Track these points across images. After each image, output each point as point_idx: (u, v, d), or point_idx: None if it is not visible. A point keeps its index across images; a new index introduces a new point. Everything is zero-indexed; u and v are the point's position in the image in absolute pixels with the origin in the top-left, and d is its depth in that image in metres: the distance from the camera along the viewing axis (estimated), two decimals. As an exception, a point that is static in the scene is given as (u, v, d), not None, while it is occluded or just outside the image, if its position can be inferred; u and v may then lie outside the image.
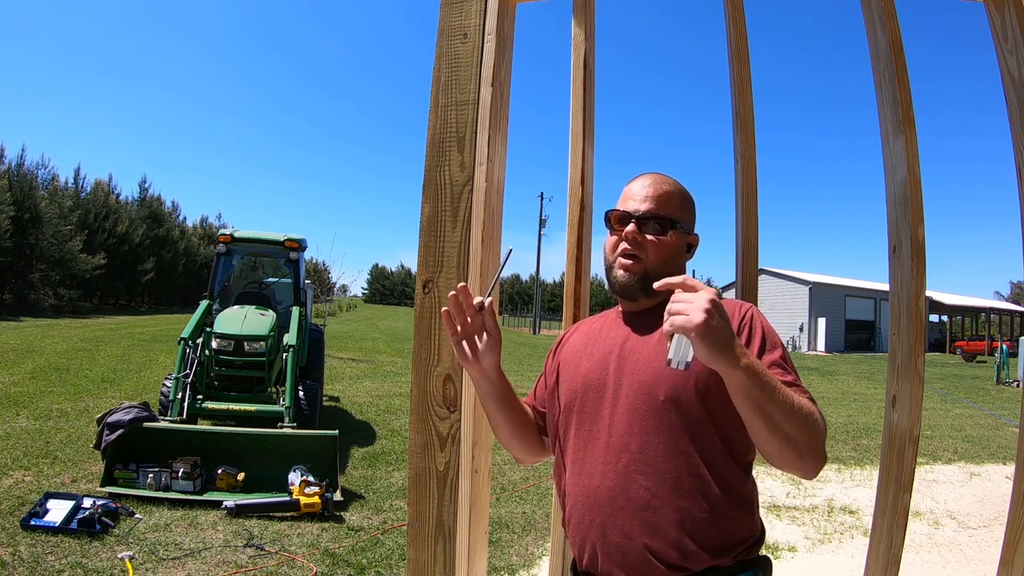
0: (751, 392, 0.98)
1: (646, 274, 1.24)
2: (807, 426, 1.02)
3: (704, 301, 0.94)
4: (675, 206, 1.28)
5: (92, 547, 3.56)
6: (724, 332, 0.95)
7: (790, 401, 1.00)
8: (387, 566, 3.65)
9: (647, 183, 1.30)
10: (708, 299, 0.95)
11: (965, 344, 32.95)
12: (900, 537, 1.57)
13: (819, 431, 1.04)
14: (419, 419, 1.57)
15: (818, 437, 1.04)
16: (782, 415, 0.99)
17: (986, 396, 14.92)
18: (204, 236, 41.86)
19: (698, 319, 0.93)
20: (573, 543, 1.22)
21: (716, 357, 0.95)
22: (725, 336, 0.95)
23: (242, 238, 7.37)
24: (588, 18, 1.81)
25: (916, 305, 1.58)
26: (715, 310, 0.94)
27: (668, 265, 1.26)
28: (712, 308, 0.94)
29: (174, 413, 5.48)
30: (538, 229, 45.23)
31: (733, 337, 0.96)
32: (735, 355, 0.96)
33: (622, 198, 1.32)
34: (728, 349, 0.95)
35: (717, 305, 0.95)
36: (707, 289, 0.97)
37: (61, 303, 27.41)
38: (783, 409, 0.99)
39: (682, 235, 1.29)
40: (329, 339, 11.70)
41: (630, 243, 1.26)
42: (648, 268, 1.25)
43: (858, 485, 6.05)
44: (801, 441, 1.01)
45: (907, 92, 1.63)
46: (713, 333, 0.93)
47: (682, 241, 1.29)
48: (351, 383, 11.34)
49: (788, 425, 1.00)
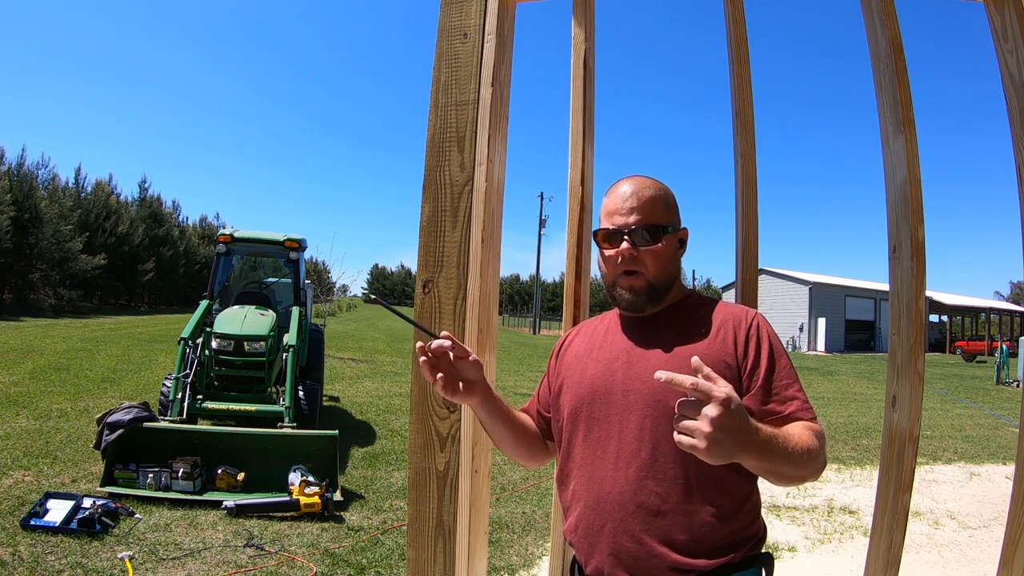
0: (761, 465, 1.01)
1: (650, 286, 1.25)
2: (809, 463, 1.05)
3: (708, 424, 0.87)
4: (660, 209, 1.27)
5: (92, 547, 3.56)
6: (733, 442, 0.89)
7: (796, 452, 1.02)
8: (387, 566, 3.65)
9: (628, 192, 1.27)
10: (715, 418, 0.87)
11: (965, 344, 32.95)
12: (900, 537, 1.57)
13: (819, 462, 1.07)
14: (419, 419, 1.57)
15: (819, 466, 1.08)
16: (789, 467, 1.02)
17: (986, 396, 14.91)
18: (204, 236, 41.87)
19: (702, 445, 0.88)
20: (580, 548, 1.22)
21: (729, 459, 0.92)
22: (734, 446, 0.90)
23: (242, 238, 7.36)
24: (588, 18, 1.81)
25: (916, 305, 1.58)
26: (722, 428, 0.88)
27: (667, 272, 1.27)
28: (719, 429, 0.88)
29: (174, 413, 5.48)
30: (538, 229, 45.29)
31: (743, 437, 0.91)
32: (747, 453, 0.93)
33: (605, 213, 1.30)
34: (740, 452, 0.92)
35: (725, 417, 0.88)
36: (717, 394, 0.88)
37: (61, 303, 27.42)
38: (790, 462, 1.02)
39: (673, 236, 1.29)
40: (329, 339, 11.70)
41: (627, 261, 1.24)
42: (651, 280, 1.25)
43: (858, 485, 6.05)
44: (805, 475, 1.07)
45: (907, 92, 1.63)
46: (721, 450, 0.89)
47: (674, 242, 1.30)
48: (351, 383, 11.34)
49: (795, 472, 1.04)
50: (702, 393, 0.88)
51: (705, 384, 0.89)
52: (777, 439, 0.99)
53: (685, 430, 0.90)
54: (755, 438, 0.94)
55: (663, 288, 1.27)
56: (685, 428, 0.90)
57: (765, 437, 0.96)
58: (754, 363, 1.16)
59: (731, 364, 1.16)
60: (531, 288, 57.76)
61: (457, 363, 1.21)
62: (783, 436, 1.01)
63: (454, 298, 1.58)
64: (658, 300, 1.26)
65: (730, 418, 0.88)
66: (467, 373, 1.22)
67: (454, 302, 1.58)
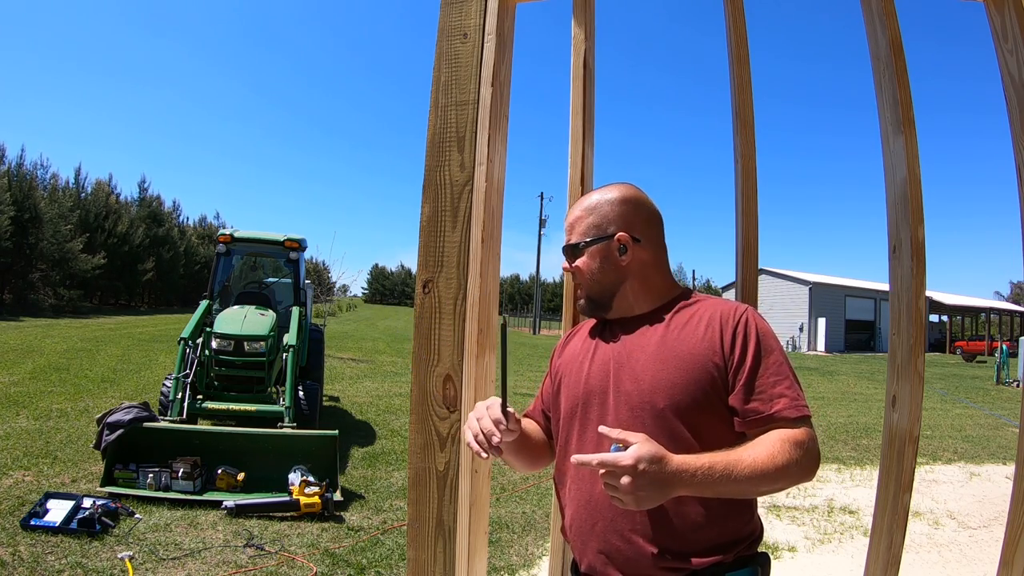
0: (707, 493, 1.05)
1: (588, 298, 1.33)
2: (774, 479, 1.06)
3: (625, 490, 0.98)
4: (583, 228, 1.31)
5: (92, 547, 3.56)
6: (657, 492, 0.99)
7: (748, 474, 1.04)
8: (387, 566, 3.65)
9: (567, 215, 1.37)
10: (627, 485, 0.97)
11: (965, 344, 32.96)
12: (900, 537, 1.57)
13: (792, 473, 1.07)
14: (419, 419, 1.57)
15: (793, 477, 1.08)
16: (741, 488, 1.05)
17: (986, 396, 14.92)
18: (204, 236, 41.87)
19: (630, 505, 0.99)
20: (575, 547, 1.23)
21: (662, 501, 1.02)
22: (660, 494, 1.00)
23: (242, 238, 7.36)
24: (588, 18, 1.81)
25: (916, 305, 1.58)
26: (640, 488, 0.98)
27: (600, 283, 1.30)
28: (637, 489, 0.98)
29: (174, 413, 5.48)
30: (538, 229, 45.30)
31: (666, 485, 1.00)
32: (678, 493, 1.02)
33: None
34: (670, 494, 1.02)
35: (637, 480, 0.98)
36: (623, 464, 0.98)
37: (61, 303, 27.42)
38: (740, 485, 1.04)
39: (597, 249, 1.29)
40: (329, 339, 11.70)
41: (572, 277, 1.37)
42: (588, 292, 1.32)
43: (858, 485, 6.05)
44: (772, 490, 1.09)
45: (907, 92, 1.63)
46: (648, 501, 0.99)
47: (599, 254, 1.29)
48: (351, 383, 11.34)
49: (752, 490, 1.08)
50: (609, 466, 0.98)
51: (610, 458, 0.98)
52: (714, 470, 1.02)
53: (612, 493, 1.00)
54: (682, 479, 1.01)
55: (601, 298, 1.31)
56: (611, 492, 1.00)
57: (696, 472, 1.01)
58: (739, 360, 1.15)
59: (718, 363, 1.16)
60: (531, 288, 57.77)
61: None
62: (724, 463, 1.03)
63: (454, 298, 1.58)
64: (602, 308, 1.32)
65: (644, 477, 0.98)
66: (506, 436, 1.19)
67: (454, 302, 1.58)
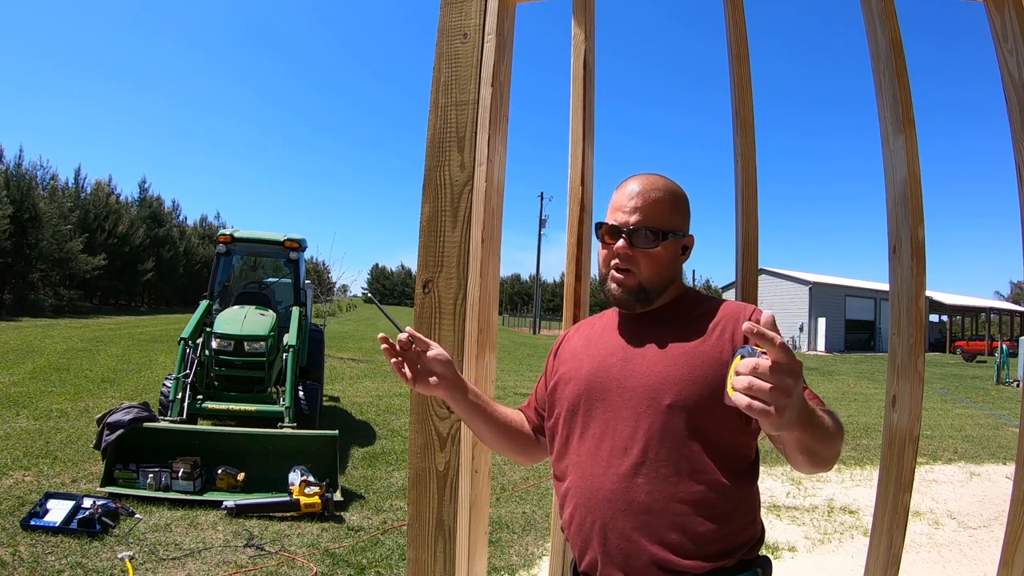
0: (803, 442, 0.98)
1: (640, 287, 1.24)
2: (836, 443, 1.04)
3: (785, 393, 0.82)
4: (665, 213, 1.24)
5: (92, 547, 3.56)
6: (795, 412, 0.85)
7: (829, 431, 1.01)
8: (387, 566, 3.65)
9: (635, 191, 1.25)
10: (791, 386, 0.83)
11: (965, 344, 32.94)
12: (900, 537, 1.57)
13: (839, 443, 1.06)
14: (419, 419, 1.57)
15: (839, 446, 1.06)
16: (823, 445, 1.01)
17: (986, 396, 14.91)
18: (204, 236, 41.85)
19: (774, 410, 0.83)
20: (574, 545, 1.22)
21: (787, 430, 0.88)
22: (795, 416, 0.86)
23: (242, 238, 7.36)
24: (588, 18, 1.81)
25: (916, 305, 1.58)
26: (793, 395, 0.84)
27: (662, 276, 1.25)
28: (791, 397, 0.83)
29: (174, 413, 5.48)
30: (538, 229, 45.27)
31: (800, 411, 0.88)
32: (802, 424, 0.91)
33: (611, 208, 1.29)
34: (794, 425, 0.88)
35: (797, 384, 0.84)
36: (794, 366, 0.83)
37: (61, 303, 27.41)
38: (824, 441, 1.00)
39: (675, 242, 1.26)
40: (329, 339, 11.70)
41: (621, 259, 1.23)
42: (642, 282, 1.24)
43: (858, 485, 6.05)
44: (831, 456, 1.05)
45: (907, 92, 1.63)
46: (789, 418, 0.84)
47: (676, 248, 1.27)
48: (351, 383, 11.34)
49: (825, 451, 1.03)
50: (787, 354, 0.82)
51: (789, 349, 0.83)
52: (815, 410, 0.99)
53: (759, 395, 0.83)
54: (805, 406, 0.92)
55: (654, 291, 1.25)
56: (759, 394, 0.83)
57: (811, 408, 0.96)
58: None
59: (728, 361, 1.16)
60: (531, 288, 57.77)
61: (423, 357, 1.25)
62: (821, 418, 1.00)
63: (454, 298, 1.58)
64: (647, 301, 1.25)
65: (797, 386, 0.84)
66: (433, 367, 1.25)
67: (454, 302, 1.58)
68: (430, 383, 1.25)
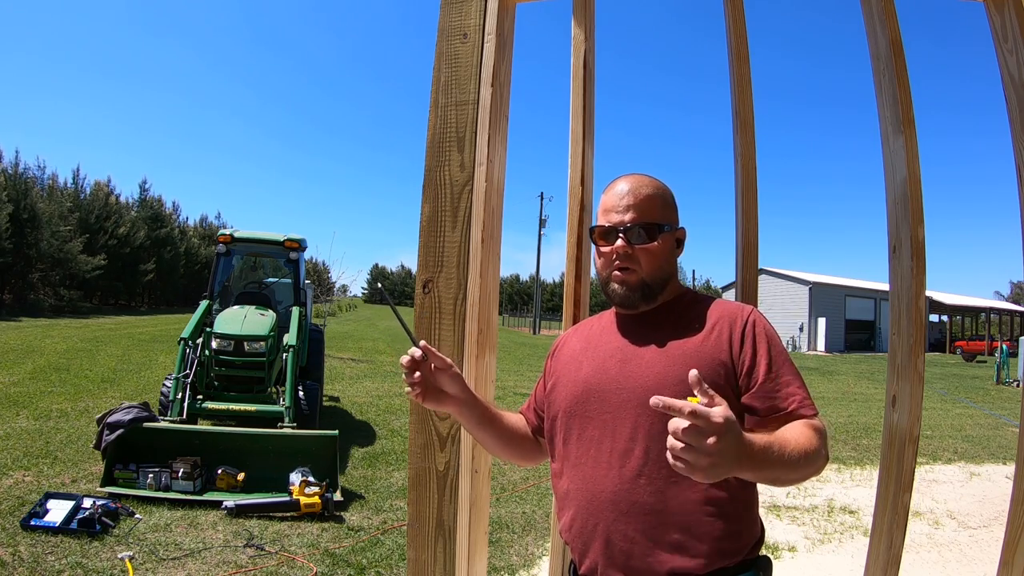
0: (758, 476, 1.00)
1: (643, 283, 1.25)
2: (807, 464, 1.04)
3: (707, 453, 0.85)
4: (657, 208, 1.27)
5: (92, 547, 3.56)
6: (729, 464, 0.87)
7: (792, 457, 1.01)
8: (387, 566, 3.65)
9: (625, 190, 1.28)
10: (712, 445, 0.85)
11: (965, 344, 32.94)
12: (900, 537, 1.57)
13: (820, 460, 1.06)
14: (419, 419, 1.57)
15: (820, 465, 1.07)
16: (786, 472, 1.01)
17: (986, 396, 14.91)
18: (204, 236, 41.86)
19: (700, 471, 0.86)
20: (574, 547, 1.22)
21: (724, 477, 0.90)
22: (730, 467, 0.88)
23: (242, 238, 7.36)
24: (588, 18, 1.81)
25: (916, 305, 1.58)
26: (720, 453, 0.85)
27: (663, 270, 1.27)
28: (717, 455, 0.85)
29: (174, 413, 5.48)
30: (538, 229, 45.24)
31: (740, 455, 0.89)
32: (742, 469, 0.92)
33: (602, 210, 1.30)
34: (735, 470, 0.90)
35: (723, 442, 0.86)
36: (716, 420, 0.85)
37: (61, 303, 27.41)
38: (786, 468, 1.01)
39: (670, 235, 1.29)
40: (329, 339, 11.70)
41: (622, 257, 1.25)
42: (644, 278, 1.25)
43: (858, 485, 6.05)
44: (805, 476, 1.06)
45: (907, 92, 1.63)
46: (718, 472, 0.87)
47: (671, 241, 1.29)
48: (351, 383, 11.34)
49: (793, 476, 1.03)
50: (701, 419, 0.85)
51: (703, 410, 0.85)
52: (772, 448, 0.98)
53: (680, 455, 0.86)
54: (749, 453, 0.92)
55: (657, 286, 1.26)
56: (680, 454, 0.86)
57: (760, 449, 0.95)
58: (752, 361, 1.16)
59: (725, 361, 1.16)
60: (531, 288, 57.76)
61: (436, 373, 1.25)
62: (778, 443, 1.00)
63: (454, 298, 1.58)
64: (651, 298, 1.27)
65: (728, 440, 0.86)
66: (444, 384, 1.26)
67: (454, 302, 1.58)
68: (439, 399, 1.26)
